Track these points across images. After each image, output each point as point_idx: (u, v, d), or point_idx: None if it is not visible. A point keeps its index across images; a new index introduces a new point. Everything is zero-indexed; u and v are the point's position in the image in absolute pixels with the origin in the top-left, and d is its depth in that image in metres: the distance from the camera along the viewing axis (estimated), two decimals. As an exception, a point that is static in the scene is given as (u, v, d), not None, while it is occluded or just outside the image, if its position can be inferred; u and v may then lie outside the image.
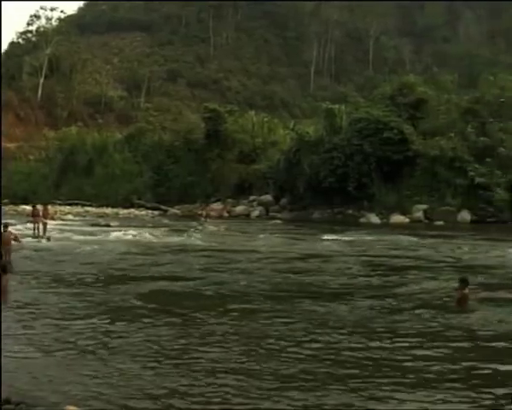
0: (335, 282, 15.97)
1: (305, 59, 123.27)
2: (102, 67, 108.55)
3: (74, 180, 63.51)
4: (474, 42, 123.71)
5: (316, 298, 13.52)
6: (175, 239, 27.88)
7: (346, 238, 28.86)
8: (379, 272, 17.85)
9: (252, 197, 52.49)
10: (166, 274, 17.05)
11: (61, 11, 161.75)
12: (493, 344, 10.00)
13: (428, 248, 24.76)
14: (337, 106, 51.33)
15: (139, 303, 12.93)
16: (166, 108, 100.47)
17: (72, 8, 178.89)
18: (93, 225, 36.96)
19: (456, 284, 13.21)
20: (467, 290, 12.73)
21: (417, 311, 12.25)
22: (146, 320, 11.30)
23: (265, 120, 62.61)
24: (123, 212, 51.27)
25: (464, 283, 12.77)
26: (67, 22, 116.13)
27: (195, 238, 28.37)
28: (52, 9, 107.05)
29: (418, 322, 11.33)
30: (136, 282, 15.52)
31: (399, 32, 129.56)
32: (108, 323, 11.12)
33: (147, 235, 28.98)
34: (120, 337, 10.10)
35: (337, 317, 11.70)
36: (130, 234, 29.06)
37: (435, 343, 9.85)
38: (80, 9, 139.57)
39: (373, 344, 9.77)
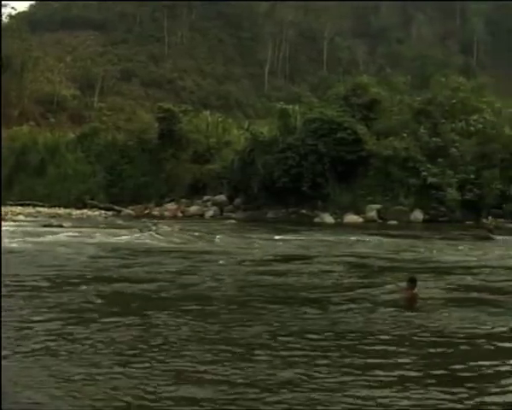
0: (304, 283, 15.71)
1: (259, 59, 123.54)
2: (55, 66, 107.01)
3: (26, 180, 62.51)
4: (426, 43, 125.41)
5: (285, 302, 13.23)
6: (134, 241, 27.31)
7: (307, 238, 28.83)
8: (348, 273, 17.70)
9: (206, 197, 52.25)
10: (126, 276, 16.60)
11: (12, 8, 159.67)
12: (469, 345, 10.02)
13: (396, 248, 24.88)
14: (291, 106, 51.45)
15: (98, 306, 12.59)
16: (120, 107, 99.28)
17: (23, 6, 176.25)
18: (45, 225, 36.18)
19: (404, 283, 13.27)
20: (416, 290, 12.79)
21: (390, 313, 12.12)
22: (104, 323, 10.98)
23: (220, 120, 62.43)
24: (76, 212, 50.53)
25: (413, 282, 12.83)
26: (18, 19, 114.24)
27: (152, 239, 28.01)
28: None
29: (391, 324, 11.24)
30: (94, 284, 15.13)
31: (354, 33, 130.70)
32: (65, 326, 10.79)
33: (98, 235, 28.62)
34: (76, 341, 9.81)
35: (308, 320, 11.49)
36: (83, 234, 28.64)
37: (407, 345, 9.84)
38: (32, 7, 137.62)
39: (344, 349, 9.65)
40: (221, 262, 19.78)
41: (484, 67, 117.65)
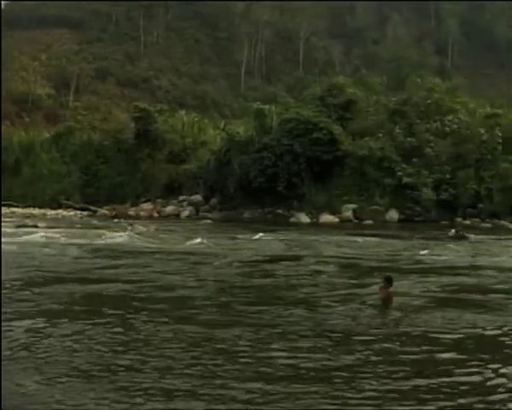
0: (288, 285, 15.59)
1: (235, 59, 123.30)
2: (29, 64, 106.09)
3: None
4: (401, 44, 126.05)
5: (270, 302, 13.11)
6: (109, 241, 26.95)
7: (285, 238, 28.79)
8: (331, 273, 17.68)
9: (182, 197, 52.12)
10: (103, 277, 16.31)
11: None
12: (457, 347, 10.06)
13: (377, 247, 24.96)
14: (267, 106, 51.48)
15: (74, 309, 12.38)
16: (95, 106, 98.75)
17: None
18: (20, 226, 35.65)
19: (380, 283, 13.30)
20: (392, 289, 12.83)
21: (371, 313, 12.14)
22: (81, 326, 10.73)
23: (196, 119, 62.30)
24: (51, 213, 50.19)
25: (389, 281, 12.86)
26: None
27: (129, 239, 27.81)
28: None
29: (373, 324, 11.23)
30: (71, 285, 14.89)
31: (329, 34, 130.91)
32: (38, 329, 10.55)
33: (73, 235, 28.38)
34: (49, 343, 9.64)
35: (294, 323, 11.33)
36: (58, 235, 28.37)
37: (389, 344, 9.87)
38: (6, 5, 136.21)
39: (330, 350, 9.62)
40: (202, 262, 19.69)
41: (458, 67, 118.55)
